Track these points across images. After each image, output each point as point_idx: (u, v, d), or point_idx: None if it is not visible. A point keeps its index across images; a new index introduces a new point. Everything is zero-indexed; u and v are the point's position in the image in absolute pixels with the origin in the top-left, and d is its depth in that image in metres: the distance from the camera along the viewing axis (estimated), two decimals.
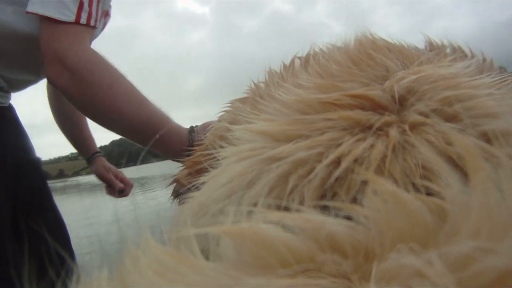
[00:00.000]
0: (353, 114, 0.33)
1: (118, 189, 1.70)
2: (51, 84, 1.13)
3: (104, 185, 1.76)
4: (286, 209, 0.30)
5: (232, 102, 0.61)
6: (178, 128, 1.17)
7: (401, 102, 0.34)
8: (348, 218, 0.26)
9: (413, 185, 0.29)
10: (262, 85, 0.54)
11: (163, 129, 1.10)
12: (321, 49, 0.50)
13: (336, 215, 0.26)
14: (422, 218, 0.24)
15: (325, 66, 0.42)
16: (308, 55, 0.51)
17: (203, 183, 0.42)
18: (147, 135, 1.09)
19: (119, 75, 1.13)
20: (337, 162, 0.31)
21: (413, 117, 0.33)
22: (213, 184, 0.38)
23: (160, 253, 0.26)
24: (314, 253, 0.23)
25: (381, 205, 0.24)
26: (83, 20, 1.15)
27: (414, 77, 0.35)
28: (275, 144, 0.35)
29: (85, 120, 1.75)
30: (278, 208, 0.31)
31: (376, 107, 0.34)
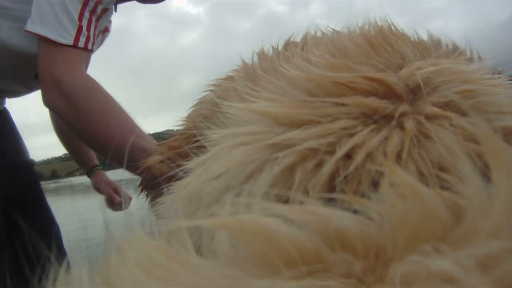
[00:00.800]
0: (369, 102, 0.30)
1: (116, 203, 1.72)
2: (46, 106, 1.16)
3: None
4: (289, 201, 0.27)
5: (216, 81, 0.54)
6: None
7: (416, 92, 0.32)
8: (357, 213, 0.23)
9: (430, 181, 0.27)
10: (257, 61, 0.47)
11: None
12: (328, 31, 0.46)
13: (345, 210, 0.23)
14: (439, 215, 0.22)
15: (339, 44, 0.38)
16: (315, 35, 0.46)
17: (189, 171, 0.37)
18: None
19: (112, 102, 1.14)
20: (349, 154, 0.28)
21: (430, 108, 0.30)
22: (205, 173, 0.34)
23: (149, 247, 0.23)
24: (322, 251, 0.21)
25: (397, 199, 0.21)
26: (81, 43, 1.16)
27: (432, 68, 0.32)
28: (280, 128, 0.31)
29: None
30: (281, 200, 0.28)
31: (391, 95, 0.31)
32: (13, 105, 1.68)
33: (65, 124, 1.17)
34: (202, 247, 0.25)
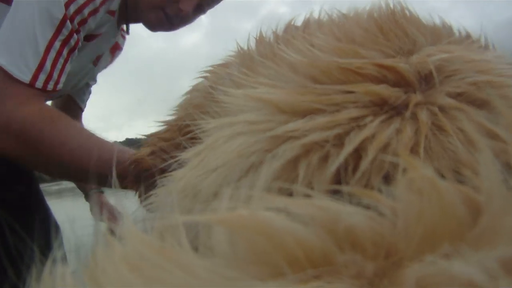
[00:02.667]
0: (381, 89, 0.28)
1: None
2: None
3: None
4: (293, 196, 0.25)
5: (211, 68, 0.50)
6: None
7: (428, 81, 0.30)
8: (367, 209, 0.21)
9: (446, 176, 0.25)
10: (254, 45, 0.44)
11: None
12: (334, 14, 0.42)
13: (353, 205, 0.21)
14: (458, 212, 0.20)
15: (345, 29, 0.35)
16: (317, 18, 0.43)
17: (183, 162, 0.35)
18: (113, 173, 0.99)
19: (71, 128, 1.01)
20: (358, 147, 0.26)
21: (444, 99, 0.28)
22: (201, 166, 0.32)
23: (140, 243, 0.21)
24: (331, 251, 0.19)
25: (413, 195, 0.19)
26: (39, 83, 0.98)
27: (444, 55, 0.30)
28: (281, 117, 0.29)
29: None
30: (284, 194, 0.26)
31: (403, 82, 0.29)
32: None
33: (27, 165, 1.04)
34: (199, 244, 0.23)
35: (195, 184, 0.32)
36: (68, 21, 1.00)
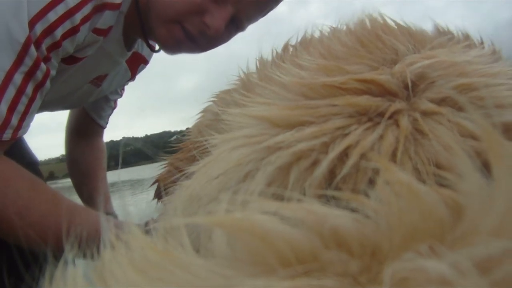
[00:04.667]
0: (361, 101, 0.30)
1: None
2: None
3: None
4: (286, 200, 0.27)
5: (217, 95, 0.57)
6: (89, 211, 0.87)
7: (411, 88, 0.32)
8: (354, 211, 0.23)
9: (427, 178, 0.27)
10: (254, 74, 0.51)
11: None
12: (321, 32, 0.47)
13: (341, 208, 0.23)
14: (437, 213, 0.21)
15: (328, 46, 0.38)
16: (306, 38, 0.48)
17: (193, 173, 0.38)
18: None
19: (31, 192, 0.78)
20: (343, 154, 0.28)
21: (425, 105, 0.30)
22: (204, 175, 0.35)
23: (145, 245, 0.23)
24: (318, 250, 0.21)
25: (392, 197, 0.21)
26: None
27: (426, 62, 0.32)
28: (275, 130, 0.32)
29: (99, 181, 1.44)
30: (277, 199, 0.28)
31: (385, 93, 0.31)
32: None
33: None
34: (200, 246, 0.25)
35: (199, 191, 0.35)
36: (32, 47, 0.73)
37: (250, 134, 0.33)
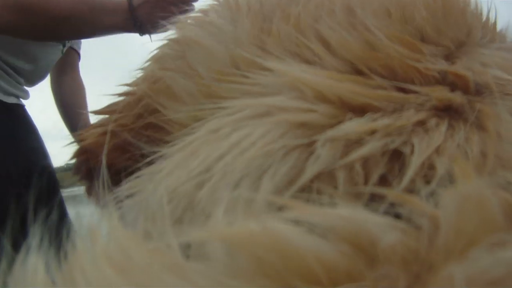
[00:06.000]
0: (454, 97, 0.24)
1: None
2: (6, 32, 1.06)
3: None
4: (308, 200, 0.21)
5: (180, 23, 0.36)
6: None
7: (488, 90, 0.25)
8: (399, 218, 0.18)
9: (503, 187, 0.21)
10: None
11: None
12: None
13: (385, 213, 0.18)
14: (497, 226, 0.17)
15: (404, 3, 0.28)
16: None
17: (163, 156, 0.27)
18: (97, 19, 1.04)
19: None
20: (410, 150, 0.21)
21: (505, 115, 0.24)
22: (195, 164, 0.24)
23: (127, 240, 0.18)
24: (357, 268, 0.16)
25: (460, 206, 0.16)
26: None
27: (504, 75, 0.26)
28: (327, 108, 0.22)
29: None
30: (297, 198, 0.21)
31: (466, 90, 0.25)
32: None
33: (27, 36, 1.09)
34: (190, 252, 0.19)
35: (189, 190, 0.24)
36: None
37: (282, 106, 0.22)
